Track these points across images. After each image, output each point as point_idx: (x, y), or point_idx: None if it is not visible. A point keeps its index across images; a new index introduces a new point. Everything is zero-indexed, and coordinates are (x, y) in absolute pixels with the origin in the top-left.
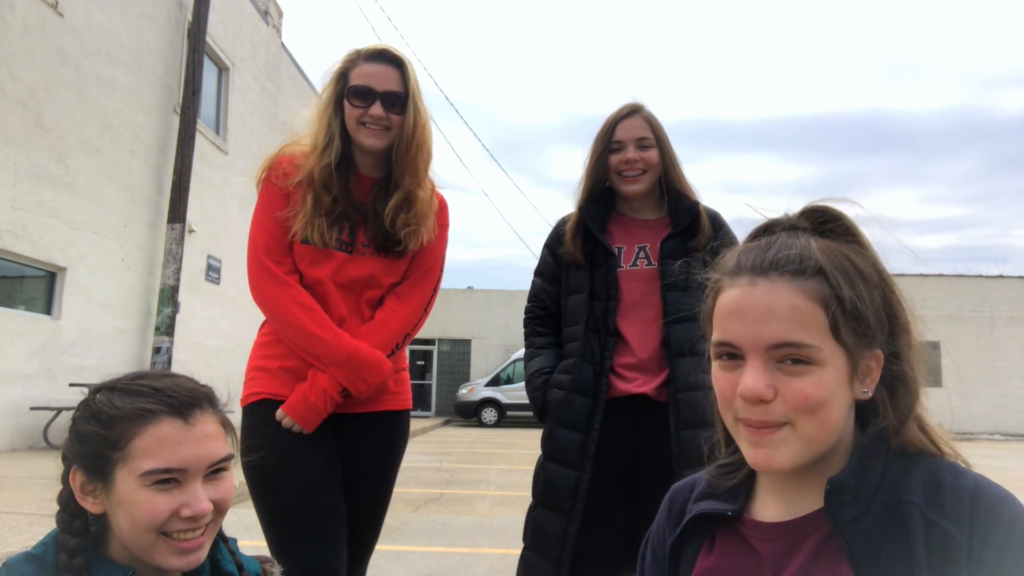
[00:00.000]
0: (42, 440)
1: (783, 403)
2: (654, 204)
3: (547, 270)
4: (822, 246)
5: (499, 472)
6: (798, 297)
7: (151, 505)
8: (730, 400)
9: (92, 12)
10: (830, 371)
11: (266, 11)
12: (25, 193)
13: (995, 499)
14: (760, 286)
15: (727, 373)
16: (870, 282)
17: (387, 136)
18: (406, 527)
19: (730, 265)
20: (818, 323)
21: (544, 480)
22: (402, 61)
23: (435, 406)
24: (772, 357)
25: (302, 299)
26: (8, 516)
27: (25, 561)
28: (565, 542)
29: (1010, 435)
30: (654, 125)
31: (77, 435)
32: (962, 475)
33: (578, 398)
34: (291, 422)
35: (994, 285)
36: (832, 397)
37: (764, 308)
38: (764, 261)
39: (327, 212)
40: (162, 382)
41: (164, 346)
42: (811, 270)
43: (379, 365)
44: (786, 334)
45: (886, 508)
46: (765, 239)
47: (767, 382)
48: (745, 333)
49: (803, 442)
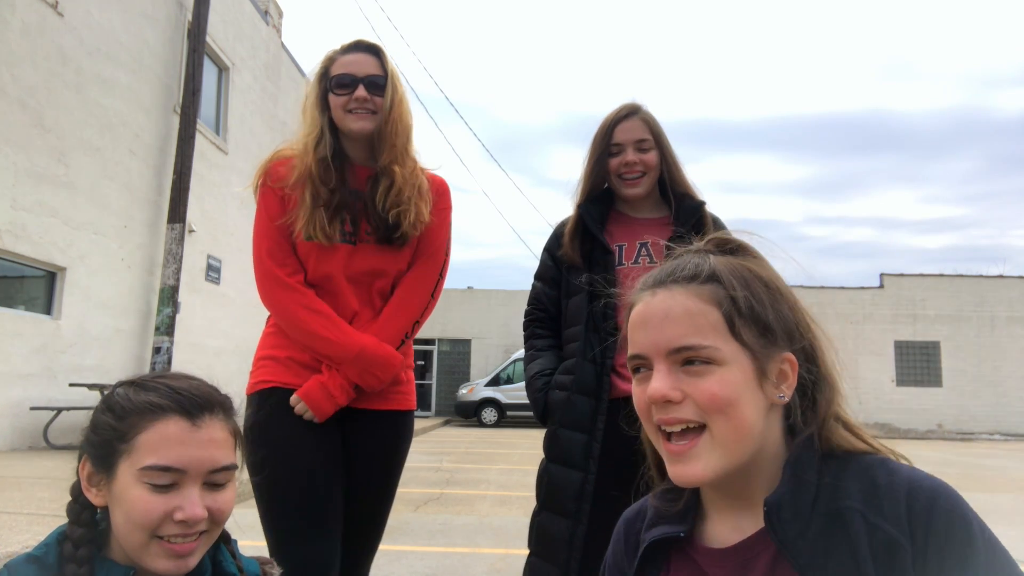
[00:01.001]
0: (42, 440)
1: (691, 404)
2: (654, 203)
3: (547, 273)
4: (720, 259)
5: (499, 472)
6: (692, 300)
7: (145, 504)
8: (646, 411)
9: (92, 12)
10: (734, 370)
11: (266, 11)
12: (25, 193)
13: (929, 494)
14: (659, 295)
15: (640, 386)
16: (770, 288)
17: (374, 119)
18: (406, 527)
19: (638, 285)
20: (713, 323)
21: (548, 483)
22: (377, 48)
23: (435, 406)
24: (675, 361)
25: (309, 302)
26: (8, 516)
27: (27, 562)
28: (572, 545)
29: (1010, 435)
30: (652, 126)
31: (92, 425)
32: (895, 472)
33: (580, 398)
34: (304, 408)
35: (994, 285)
36: (740, 396)
37: (661, 314)
38: (663, 274)
39: (326, 204)
40: (180, 382)
41: (164, 346)
42: (705, 275)
43: (389, 359)
44: (683, 337)
45: (828, 518)
46: (667, 262)
47: (671, 384)
48: (646, 341)
49: (720, 448)
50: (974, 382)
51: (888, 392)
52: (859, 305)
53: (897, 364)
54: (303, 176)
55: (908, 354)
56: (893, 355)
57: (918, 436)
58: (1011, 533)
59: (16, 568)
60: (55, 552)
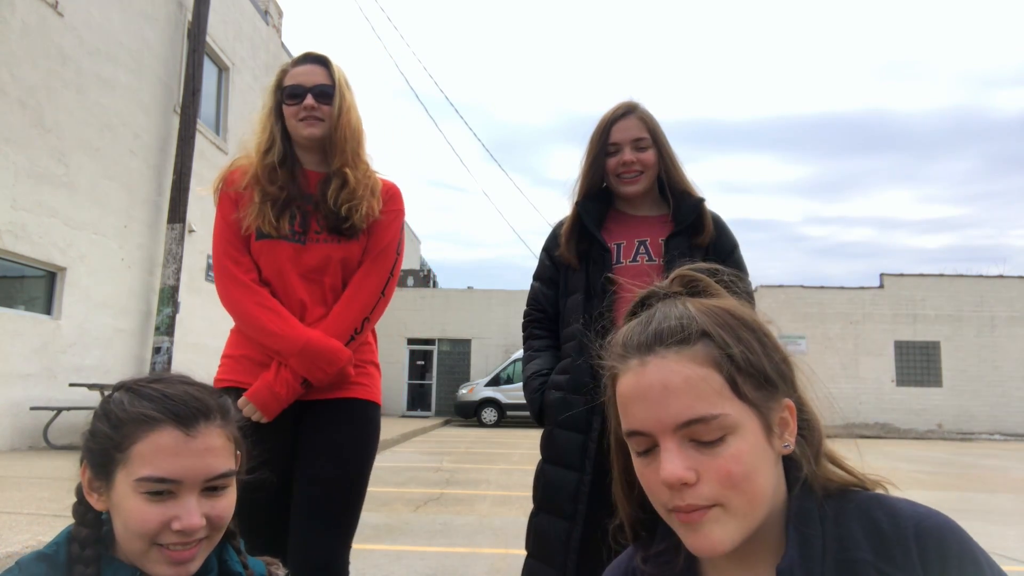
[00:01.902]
0: (42, 440)
1: (707, 484)
2: (653, 201)
3: (545, 273)
4: (700, 307)
5: (499, 472)
6: (689, 367)
7: (141, 514)
8: (657, 493)
9: (92, 12)
10: (747, 435)
11: (266, 11)
12: (25, 193)
13: (938, 536)
14: (650, 365)
15: (647, 467)
16: (755, 331)
17: (323, 126)
18: (406, 527)
19: (618, 349)
20: (716, 388)
21: (544, 484)
22: (326, 59)
23: (435, 406)
24: (684, 436)
25: (261, 299)
26: (8, 516)
27: (37, 560)
28: (569, 547)
29: (1010, 435)
30: (650, 124)
31: (91, 431)
32: (896, 513)
33: (576, 398)
34: (252, 410)
35: (994, 285)
36: (756, 464)
37: (660, 387)
38: (647, 337)
39: (273, 200)
40: (174, 388)
41: (164, 346)
42: (695, 335)
43: (334, 353)
44: (689, 410)
45: (839, 567)
46: (644, 313)
47: (685, 464)
48: (649, 417)
49: (738, 519)
50: (974, 382)
51: (888, 392)
52: (859, 305)
53: (897, 364)
54: (253, 178)
55: (908, 354)
56: (893, 355)
57: (918, 436)
58: (1011, 533)
59: (27, 566)
60: (65, 551)
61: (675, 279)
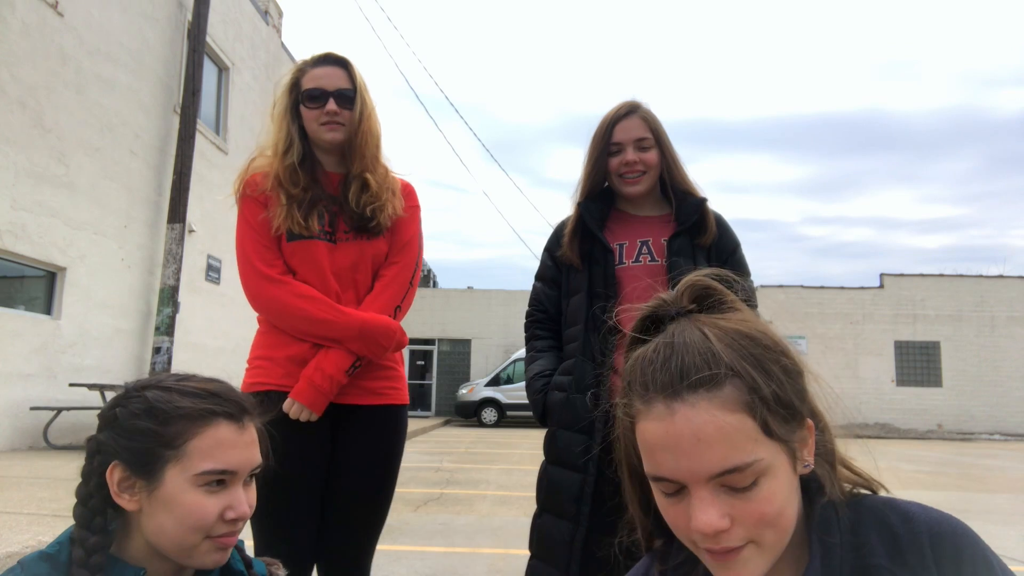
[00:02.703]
0: (42, 440)
1: (741, 527)
2: (655, 201)
3: (547, 273)
4: (720, 336)
5: (499, 472)
6: (721, 415)
7: (201, 506)
8: (686, 532)
9: (92, 12)
10: (779, 474)
11: (266, 11)
12: (25, 193)
13: (952, 540)
14: (679, 413)
15: (675, 506)
16: (775, 352)
17: (344, 130)
18: (406, 527)
19: (637, 387)
20: (750, 435)
21: (548, 485)
22: (347, 61)
23: (435, 406)
24: (717, 484)
25: (301, 290)
26: (8, 516)
27: (40, 560)
28: (572, 548)
29: (1010, 435)
30: (652, 124)
31: (125, 430)
32: (910, 518)
33: (579, 399)
34: (300, 409)
35: (994, 285)
36: (787, 498)
37: (691, 438)
38: (670, 377)
39: (299, 201)
40: (213, 386)
41: (164, 346)
42: (723, 376)
43: (389, 326)
44: (724, 460)
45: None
46: (660, 341)
47: (720, 512)
48: (680, 467)
49: (768, 552)
50: (974, 382)
51: (888, 392)
52: (859, 305)
53: (897, 364)
54: (275, 180)
55: (908, 354)
56: (893, 355)
57: (918, 436)
58: (1011, 533)
59: (29, 565)
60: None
61: (685, 292)
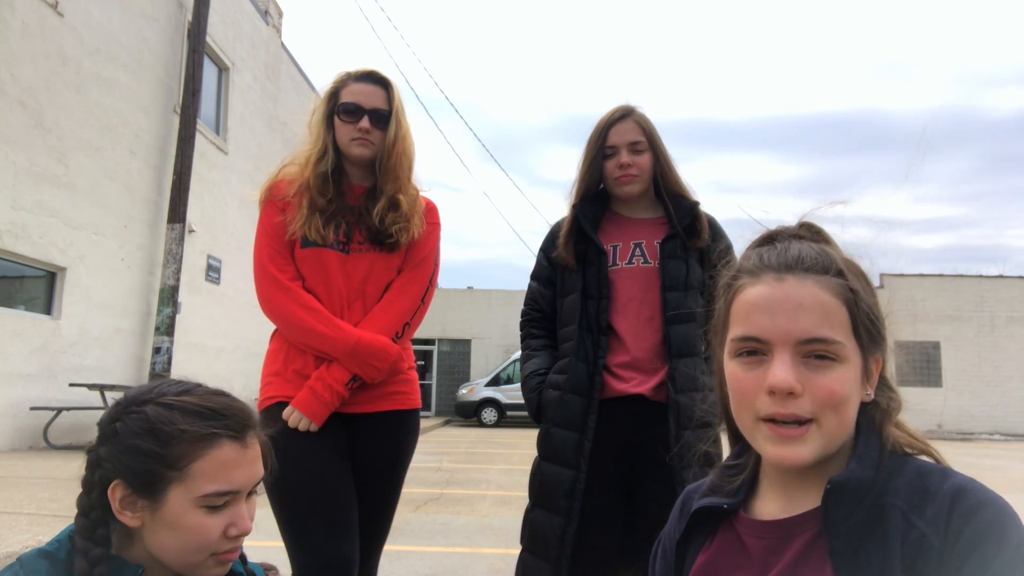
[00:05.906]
0: (42, 440)
1: (810, 398)
2: (649, 204)
3: (542, 273)
4: (834, 248)
5: (499, 472)
6: (826, 294)
7: (204, 528)
8: (752, 398)
9: (92, 12)
10: (851, 368)
11: (266, 11)
12: (25, 193)
13: (975, 502)
14: (788, 281)
15: (749, 371)
16: (871, 286)
17: (373, 148)
18: (406, 527)
19: (751, 263)
20: (842, 321)
21: (540, 481)
22: (388, 82)
23: (435, 406)
24: (800, 352)
25: (305, 301)
26: (8, 516)
27: (39, 557)
28: (563, 542)
29: (1010, 435)
30: (646, 128)
31: (126, 448)
32: (949, 478)
33: (573, 397)
34: (299, 417)
35: (994, 285)
36: (852, 394)
37: (794, 302)
38: (787, 259)
39: (322, 211)
40: (214, 401)
41: (164, 346)
42: (834, 270)
43: (384, 349)
44: (817, 329)
45: (871, 511)
46: (779, 244)
47: (796, 376)
48: (775, 327)
49: (824, 439)
50: (974, 382)
51: None
52: None
53: (897, 364)
54: (302, 187)
55: (908, 354)
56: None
57: None
58: None
59: (28, 562)
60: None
61: (803, 225)
